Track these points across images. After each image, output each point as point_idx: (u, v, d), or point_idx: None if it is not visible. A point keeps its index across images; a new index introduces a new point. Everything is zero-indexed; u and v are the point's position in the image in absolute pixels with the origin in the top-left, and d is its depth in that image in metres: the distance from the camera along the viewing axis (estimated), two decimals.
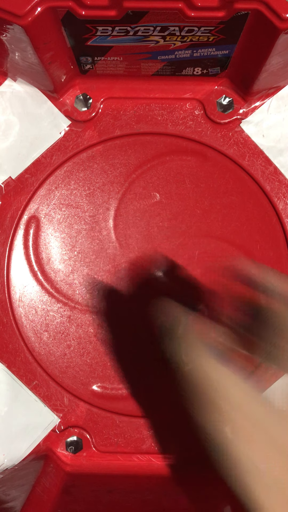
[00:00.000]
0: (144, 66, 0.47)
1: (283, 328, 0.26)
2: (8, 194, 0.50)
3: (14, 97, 0.49)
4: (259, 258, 0.50)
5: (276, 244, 0.50)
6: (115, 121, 0.50)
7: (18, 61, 0.45)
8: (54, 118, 0.50)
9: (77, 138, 0.50)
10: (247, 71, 0.46)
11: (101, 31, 0.40)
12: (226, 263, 0.29)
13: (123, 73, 0.48)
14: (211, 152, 0.50)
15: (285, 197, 0.50)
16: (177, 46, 0.43)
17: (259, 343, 0.28)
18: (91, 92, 0.50)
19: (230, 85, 0.49)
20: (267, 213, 0.50)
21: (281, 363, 0.27)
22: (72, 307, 0.50)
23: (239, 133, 0.50)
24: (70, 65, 0.47)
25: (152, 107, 0.50)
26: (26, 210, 0.50)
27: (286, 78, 0.48)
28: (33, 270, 0.50)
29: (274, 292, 0.26)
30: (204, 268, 0.50)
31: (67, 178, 0.51)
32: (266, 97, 0.49)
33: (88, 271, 0.50)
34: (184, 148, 0.51)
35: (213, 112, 0.50)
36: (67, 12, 0.38)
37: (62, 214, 0.51)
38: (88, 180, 0.51)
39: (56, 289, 0.50)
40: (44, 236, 0.51)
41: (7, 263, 0.50)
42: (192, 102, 0.50)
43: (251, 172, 0.50)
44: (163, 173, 0.51)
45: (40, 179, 0.50)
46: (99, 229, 0.51)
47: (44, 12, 0.37)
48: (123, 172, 0.51)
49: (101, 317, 0.50)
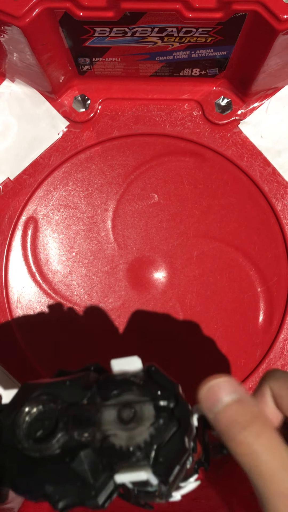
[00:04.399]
0: (142, 67, 0.47)
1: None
2: (6, 195, 0.50)
3: (12, 98, 0.49)
4: (257, 259, 0.50)
5: (275, 245, 0.50)
6: (113, 122, 0.50)
7: (16, 62, 0.45)
8: (52, 119, 0.50)
9: (75, 139, 0.50)
10: (245, 72, 0.45)
11: (99, 32, 0.40)
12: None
13: (121, 74, 0.48)
14: (210, 153, 0.50)
15: (284, 198, 0.50)
16: (175, 47, 0.43)
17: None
18: (89, 93, 0.50)
19: (229, 86, 0.49)
20: (265, 214, 0.50)
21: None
22: (70, 308, 0.50)
23: (238, 134, 0.50)
24: (68, 66, 0.47)
25: (150, 108, 0.50)
26: (24, 211, 0.50)
27: (284, 79, 0.48)
28: (31, 271, 0.50)
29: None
30: (202, 269, 0.50)
31: (65, 179, 0.51)
32: (265, 98, 0.49)
33: (86, 272, 0.50)
34: (183, 149, 0.51)
35: (211, 113, 0.50)
36: (64, 13, 0.38)
37: (60, 215, 0.51)
38: (86, 181, 0.51)
39: (54, 290, 0.50)
40: (42, 237, 0.51)
41: (5, 264, 0.50)
42: (190, 103, 0.50)
43: (249, 173, 0.50)
44: (161, 174, 0.51)
45: (38, 180, 0.50)
46: (98, 230, 0.51)
47: (42, 13, 0.37)
48: (121, 173, 0.51)
49: (99, 319, 0.50)
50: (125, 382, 0.26)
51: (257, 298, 0.50)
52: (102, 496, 0.25)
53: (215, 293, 0.50)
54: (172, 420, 0.25)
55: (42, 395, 0.27)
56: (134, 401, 0.26)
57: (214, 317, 0.50)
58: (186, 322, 0.50)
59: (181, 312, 0.50)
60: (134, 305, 0.50)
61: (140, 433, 0.25)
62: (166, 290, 0.50)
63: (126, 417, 0.25)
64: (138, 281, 0.50)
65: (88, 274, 0.50)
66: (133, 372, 0.27)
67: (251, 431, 0.22)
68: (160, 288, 0.50)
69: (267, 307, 0.50)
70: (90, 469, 0.25)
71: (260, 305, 0.50)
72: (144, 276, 0.50)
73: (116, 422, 0.25)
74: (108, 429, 0.25)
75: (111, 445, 0.25)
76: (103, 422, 0.25)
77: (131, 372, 0.27)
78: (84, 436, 0.25)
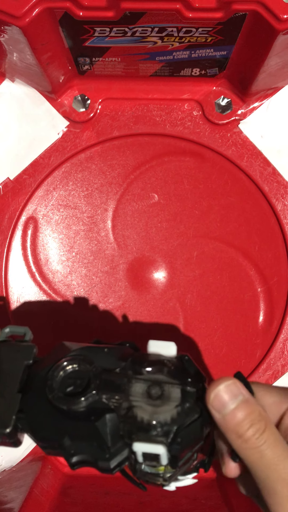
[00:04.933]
0: (142, 67, 0.47)
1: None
2: (6, 195, 0.50)
3: (12, 98, 0.49)
4: (257, 259, 0.50)
5: (275, 245, 0.50)
6: (113, 122, 0.50)
7: (16, 62, 0.44)
8: (52, 119, 0.50)
9: (75, 139, 0.50)
10: (246, 72, 0.45)
11: (99, 32, 0.40)
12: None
13: (121, 74, 0.48)
14: (210, 153, 0.50)
15: (284, 198, 0.50)
16: (175, 47, 0.43)
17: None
18: (89, 93, 0.50)
19: (229, 86, 0.49)
20: (265, 214, 0.50)
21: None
22: (70, 308, 0.50)
23: (238, 134, 0.50)
24: (68, 66, 0.47)
25: (150, 108, 0.50)
26: (24, 211, 0.50)
27: (284, 79, 0.48)
28: (31, 271, 0.50)
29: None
30: (202, 269, 0.50)
31: (65, 179, 0.51)
32: (265, 98, 0.49)
33: (86, 272, 0.50)
34: (183, 149, 0.51)
35: (211, 113, 0.49)
36: (64, 13, 0.38)
37: (60, 215, 0.51)
38: (86, 181, 0.51)
39: (54, 290, 0.50)
40: (42, 237, 0.51)
41: (5, 264, 0.50)
42: (190, 103, 0.50)
43: (249, 173, 0.50)
44: (161, 174, 0.51)
45: (38, 180, 0.50)
46: (97, 230, 0.51)
47: (42, 13, 0.37)
48: (121, 173, 0.51)
49: (99, 319, 0.50)
50: (158, 363, 0.28)
51: (257, 298, 0.50)
52: (114, 461, 0.27)
53: (215, 293, 0.50)
54: (195, 408, 0.27)
55: (80, 355, 0.29)
56: (164, 381, 0.27)
57: (214, 317, 0.50)
58: (186, 322, 0.50)
59: (181, 312, 0.50)
60: (134, 305, 0.50)
61: (164, 411, 0.26)
62: (166, 290, 0.50)
63: (154, 393, 0.27)
64: (138, 281, 0.50)
65: (88, 274, 0.50)
66: (166, 356, 0.29)
67: (256, 427, 0.25)
68: (160, 288, 0.50)
69: (267, 307, 0.50)
70: (111, 433, 0.26)
71: (260, 305, 0.50)
72: (144, 276, 0.50)
73: (144, 396, 0.27)
74: (135, 400, 0.27)
75: (135, 416, 0.26)
76: (132, 393, 0.27)
77: (165, 356, 0.29)
78: (112, 401, 0.27)
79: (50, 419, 0.28)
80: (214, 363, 0.50)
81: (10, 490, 0.43)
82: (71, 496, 0.45)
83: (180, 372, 0.28)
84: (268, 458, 0.25)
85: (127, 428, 0.26)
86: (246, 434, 0.25)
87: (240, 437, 0.25)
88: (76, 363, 0.28)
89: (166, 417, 0.26)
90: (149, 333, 0.50)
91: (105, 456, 0.27)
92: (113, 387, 0.27)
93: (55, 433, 0.27)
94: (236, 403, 0.26)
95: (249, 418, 0.25)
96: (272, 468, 0.24)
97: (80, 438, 0.27)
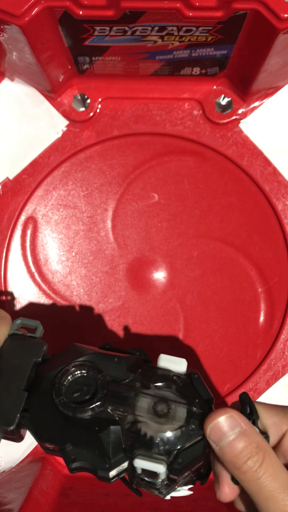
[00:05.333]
0: (142, 66, 0.46)
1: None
2: (6, 195, 0.50)
3: (12, 97, 0.49)
4: (257, 259, 0.50)
5: (275, 245, 0.50)
6: (113, 121, 0.50)
7: (15, 61, 0.44)
8: (52, 118, 0.50)
9: (75, 139, 0.50)
10: (246, 71, 0.45)
11: (98, 31, 0.40)
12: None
13: (121, 73, 0.48)
14: (210, 153, 0.50)
15: (284, 198, 0.49)
16: (175, 46, 0.42)
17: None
18: (89, 92, 0.50)
19: (229, 85, 0.49)
20: (266, 214, 0.50)
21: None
22: (70, 308, 0.50)
23: (238, 134, 0.50)
24: (68, 65, 0.46)
25: (150, 107, 0.50)
26: (24, 210, 0.50)
27: (285, 78, 0.48)
28: (31, 271, 0.50)
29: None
30: (203, 269, 0.50)
31: (65, 179, 0.51)
32: (265, 97, 0.49)
33: (86, 272, 0.50)
34: (183, 148, 0.50)
35: (211, 112, 0.49)
36: (64, 12, 0.38)
37: (59, 215, 0.51)
38: (86, 180, 0.51)
39: (54, 290, 0.50)
40: (41, 237, 0.50)
41: (4, 264, 0.50)
42: (190, 102, 0.50)
43: (250, 172, 0.50)
44: (161, 174, 0.51)
45: (38, 179, 0.50)
46: (97, 230, 0.51)
47: (42, 12, 0.37)
48: (121, 172, 0.51)
49: (98, 319, 0.50)
50: (167, 379, 0.28)
51: (258, 298, 0.50)
52: (114, 472, 0.27)
53: (216, 293, 0.50)
54: (200, 429, 0.27)
55: (90, 362, 0.29)
56: (171, 399, 0.27)
57: (215, 317, 0.50)
58: (186, 323, 0.50)
59: (181, 312, 0.50)
60: (134, 305, 0.50)
61: (168, 430, 0.27)
62: (166, 290, 0.50)
63: (160, 411, 0.27)
64: (138, 281, 0.50)
65: (87, 274, 0.50)
66: (176, 372, 0.29)
67: (254, 460, 0.25)
68: (160, 288, 0.50)
69: (267, 307, 0.50)
70: (113, 444, 0.27)
71: (261, 306, 0.50)
72: (144, 276, 0.50)
73: (150, 412, 0.27)
74: (141, 415, 0.27)
75: (139, 430, 0.27)
76: (138, 408, 0.27)
77: (174, 372, 0.29)
78: (117, 412, 0.27)
79: (54, 423, 0.28)
80: (215, 364, 0.50)
81: (10, 491, 0.43)
82: (71, 497, 0.45)
83: (188, 390, 0.28)
84: (267, 490, 0.25)
85: (129, 442, 0.27)
86: (243, 467, 0.25)
87: (238, 469, 0.25)
88: (85, 369, 0.28)
89: (169, 436, 0.26)
90: (149, 334, 0.50)
91: (105, 466, 0.27)
92: (120, 399, 0.27)
93: (58, 437, 0.28)
94: (234, 435, 0.26)
95: (246, 450, 0.25)
96: (271, 500, 0.24)
97: (82, 446, 0.27)
